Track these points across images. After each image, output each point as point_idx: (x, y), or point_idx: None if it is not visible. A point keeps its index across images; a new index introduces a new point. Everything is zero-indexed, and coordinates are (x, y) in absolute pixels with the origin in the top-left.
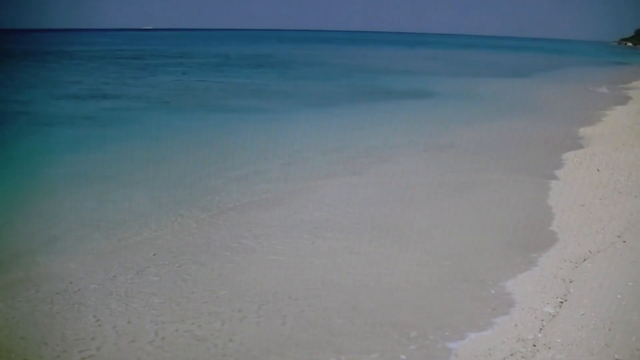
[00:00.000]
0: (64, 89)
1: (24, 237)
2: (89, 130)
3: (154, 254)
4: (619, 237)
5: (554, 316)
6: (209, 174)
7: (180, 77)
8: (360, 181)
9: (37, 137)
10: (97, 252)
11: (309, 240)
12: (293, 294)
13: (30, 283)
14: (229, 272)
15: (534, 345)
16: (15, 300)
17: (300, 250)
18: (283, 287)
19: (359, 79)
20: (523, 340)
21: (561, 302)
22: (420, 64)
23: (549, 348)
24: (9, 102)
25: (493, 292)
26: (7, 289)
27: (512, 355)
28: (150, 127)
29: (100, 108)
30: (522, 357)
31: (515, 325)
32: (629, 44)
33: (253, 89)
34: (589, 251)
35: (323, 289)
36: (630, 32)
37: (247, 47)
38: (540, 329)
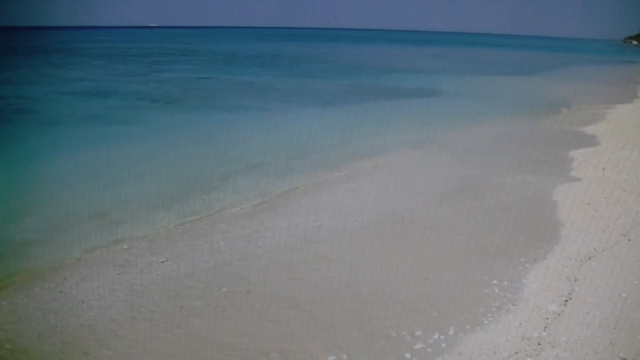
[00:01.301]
0: (70, 86)
1: (22, 234)
2: (94, 127)
3: (152, 252)
4: (624, 235)
5: (558, 314)
6: (212, 172)
7: (185, 75)
8: (365, 180)
9: (42, 134)
10: (95, 248)
11: (311, 239)
12: (293, 292)
13: (27, 279)
14: (227, 273)
15: (539, 344)
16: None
17: (302, 248)
18: (283, 285)
19: (366, 77)
20: (528, 338)
21: (566, 301)
22: (427, 62)
23: (554, 346)
24: (15, 99)
25: (497, 290)
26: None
27: (516, 353)
28: (155, 124)
29: (106, 105)
30: (527, 355)
31: (520, 323)
32: (635, 42)
33: (259, 86)
34: (594, 249)
35: (324, 287)
36: (635, 31)
37: (252, 44)
38: (545, 328)
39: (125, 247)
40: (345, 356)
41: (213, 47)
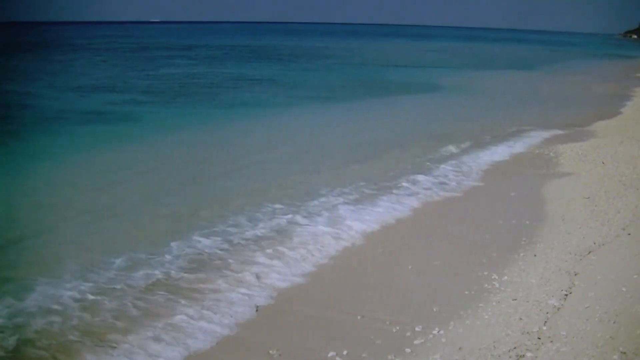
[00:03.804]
0: (70, 82)
1: (20, 231)
2: (95, 123)
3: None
4: (624, 229)
5: (558, 309)
6: (210, 171)
7: (186, 70)
8: (367, 179)
9: (43, 130)
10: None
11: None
12: (295, 293)
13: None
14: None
15: (539, 338)
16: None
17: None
18: (287, 286)
19: (365, 71)
20: (528, 333)
21: (566, 295)
22: (426, 57)
23: (554, 341)
24: (16, 95)
25: (497, 285)
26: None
27: (516, 348)
28: (155, 120)
29: (106, 101)
30: (527, 349)
31: (520, 318)
32: (634, 36)
33: (260, 81)
34: (594, 243)
35: (322, 282)
36: (635, 25)
37: (252, 39)
38: (545, 322)
39: (114, 245)
40: (345, 352)
41: (214, 42)
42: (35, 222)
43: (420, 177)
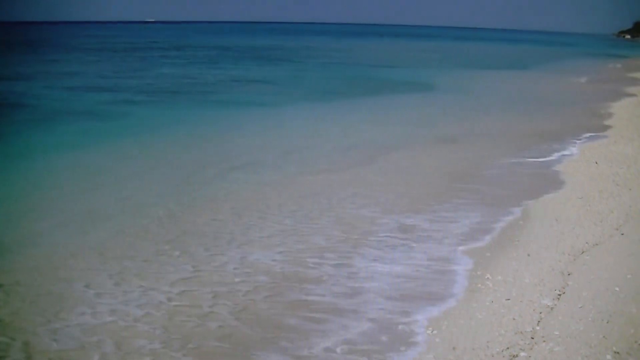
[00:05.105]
0: (63, 82)
1: (15, 230)
2: (88, 123)
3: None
4: (617, 229)
5: (552, 309)
6: (204, 168)
7: (180, 70)
8: (367, 172)
9: (36, 130)
10: (90, 244)
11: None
12: (281, 291)
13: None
14: (216, 269)
15: (532, 338)
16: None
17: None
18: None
19: (359, 71)
20: (521, 332)
21: (559, 295)
22: (420, 56)
23: (547, 340)
24: (8, 94)
25: (491, 285)
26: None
27: (509, 347)
28: (148, 120)
29: (100, 101)
30: (520, 349)
31: (513, 318)
32: (628, 36)
33: (253, 81)
34: (587, 243)
35: (321, 280)
36: (628, 25)
37: (247, 39)
38: (539, 322)
39: (113, 241)
40: (339, 349)
41: (208, 42)
42: (38, 225)
43: (419, 175)
